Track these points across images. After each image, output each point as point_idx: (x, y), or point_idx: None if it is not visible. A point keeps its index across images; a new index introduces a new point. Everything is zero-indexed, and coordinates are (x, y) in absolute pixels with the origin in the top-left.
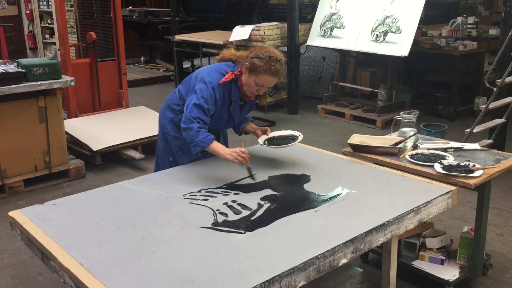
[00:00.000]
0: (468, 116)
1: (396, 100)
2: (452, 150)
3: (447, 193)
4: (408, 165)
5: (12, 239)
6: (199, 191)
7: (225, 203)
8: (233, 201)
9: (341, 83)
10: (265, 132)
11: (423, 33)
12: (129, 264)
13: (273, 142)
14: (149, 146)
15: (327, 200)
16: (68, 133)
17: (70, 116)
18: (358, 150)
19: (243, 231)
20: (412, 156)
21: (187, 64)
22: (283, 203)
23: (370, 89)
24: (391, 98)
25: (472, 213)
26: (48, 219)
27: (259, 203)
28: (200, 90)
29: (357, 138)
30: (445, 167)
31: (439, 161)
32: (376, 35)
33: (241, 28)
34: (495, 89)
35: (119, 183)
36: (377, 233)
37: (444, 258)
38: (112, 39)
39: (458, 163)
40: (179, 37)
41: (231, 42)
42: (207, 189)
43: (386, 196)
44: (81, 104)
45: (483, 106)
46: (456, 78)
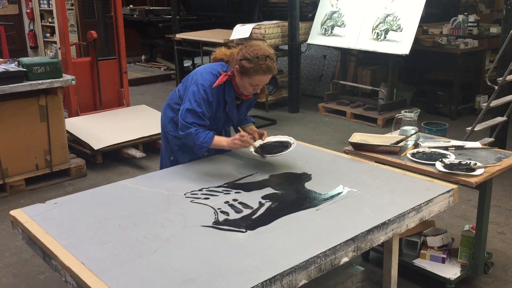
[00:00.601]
0: (469, 115)
1: (397, 99)
2: (453, 149)
3: (448, 192)
4: (409, 164)
5: (14, 238)
6: (200, 190)
7: (226, 202)
8: (234, 200)
9: (342, 82)
10: (261, 136)
11: (424, 31)
12: (130, 263)
13: (265, 149)
14: (150, 145)
15: (328, 199)
16: (69, 132)
17: (71, 115)
18: (359, 149)
19: (244, 230)
20: (413, 155)
21: (188, 63)
22: (284, 202)
23: (371, 88)
24: (392, 97)
25: (473, 212)
26: (49, 218)
27: (260, 202)
28: (193, 93)
29: (358, 137)
30: (446, 166)
31: (440, 160)
32: (377, 33)
33: (242, 27)
34: (496, 87)
35: (120, 182)
36: (378, 232)
37: (445, 257)
38: (113, 38)
39: (459, 162)
40: (180, 36)
41: (232, 41)
42: (208, 188)
43: (387, 195)
44: (82, 103)
45: (484, 105)
46: (457, 76)
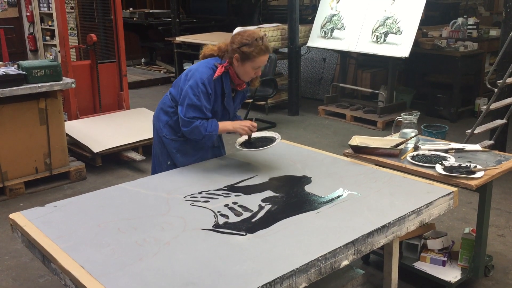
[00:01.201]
0: (469, 117)
1: (397, 101)
2: (453, 151)
3: (449, 194)
4: (409, 167)
5: (13, 241)
6: (200, 193)
7: (226, 205)
8: (234, 203)
9: (342, 84)
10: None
11: (424, 34)
12: (130, 266)
13: (251, 144)
14: (150, 148)
15: (328, 202)
16: (69, 135)
17: (71, 118)
18: (359, 152)
19: (244, 233)
20: (413, 158)
21: (188, 66)
22: (284, 205)
23: (371, 90)
24: (392, 99)
25: (474, 214)
26: (49, 221)
27: (260, 205)
28: (191, 88)
29: (358, 140)
30: (446, 168)
31: (440, 162)
32: (377, 36)
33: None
34: (496, 90)
35: (120, 185)
36: (379, 235)
37: (446, 260)
38: (113, 41)
39: (459, 164)
40: (180, 39)
41: None
42: (208, 191)
43: (387, 198)
44: (82, 106)
45: (484, 107)
46: (457, 79)
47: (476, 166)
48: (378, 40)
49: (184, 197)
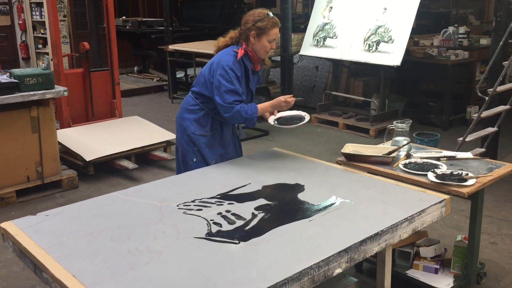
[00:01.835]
0: (461, 125)
1: (389, 109)
2: (445, 159)
3: (441, 202)
4: (402, 174)
5: (4, 251)
6: (193, 201)
7: (219, 213)
8: (227, 211)
9: (334, 93)
10: (273, 113)
11: (415, 43)
12: (123, 276)
13: (281, 122)
14: (143, 156)
15: (321, 210)
16: (61, 143)
17: (63, 126)
18: (352, 160)
19: (237, 241)
20: (406, 165)
21: (181, 74)
22: (277, 213)
23: (363, 98)
24: (384, 107)
25: (466, 222)
26: (41, 231)
27: (253, 213)
28: (222, 76)
29: (351, 147)
30: (438, 176)
31: (432, 170)
32: (369, 45)
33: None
34: (487, 98)
35: (112, 194)
36: (371, 243)
37: (438, 267)
38: (105, 49)
39: (451, 172)
40: (173, 47)
41: None
42: (201, 199)
43: (380, 205)
44: (74, 114)
45: (475, 115)
46: (448, 87)
47: (468, 174)
48: (370, 49)
49: (177, 205)
